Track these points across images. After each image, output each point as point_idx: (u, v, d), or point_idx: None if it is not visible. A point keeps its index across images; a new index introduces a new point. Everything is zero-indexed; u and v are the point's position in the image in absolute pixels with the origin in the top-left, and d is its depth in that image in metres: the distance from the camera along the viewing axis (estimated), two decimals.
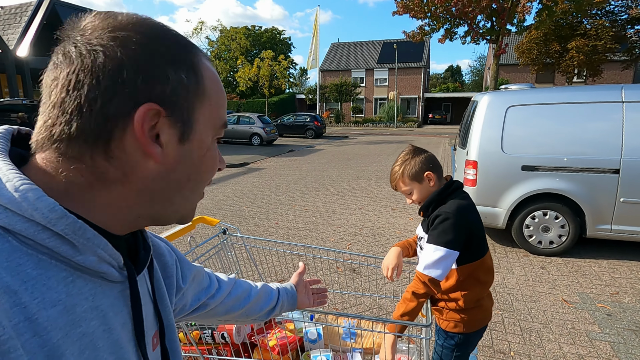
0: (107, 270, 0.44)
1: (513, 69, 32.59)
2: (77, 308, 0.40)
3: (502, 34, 17.15)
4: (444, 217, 1.36)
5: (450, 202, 1.41)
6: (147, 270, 0.56)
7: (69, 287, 0.40)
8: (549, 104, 4.22)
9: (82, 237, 0.40)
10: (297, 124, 22.12)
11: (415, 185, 1.48)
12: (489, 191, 4.39)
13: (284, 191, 7.81)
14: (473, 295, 1.47)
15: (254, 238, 1.79)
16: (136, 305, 0.48)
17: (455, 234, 1.34)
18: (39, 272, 0.38)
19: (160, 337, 0.56)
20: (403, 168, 1.48)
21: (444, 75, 78.72)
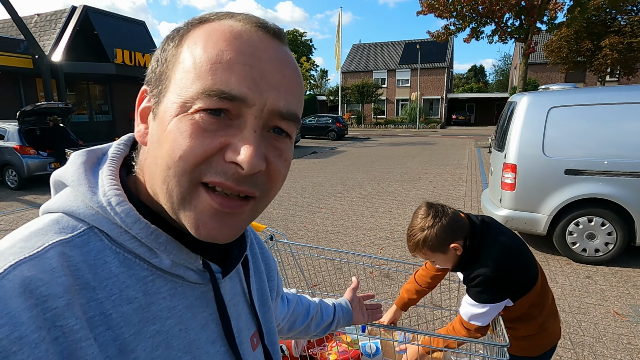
0: (183, 273, 0.45)
1: (541, 68, 31.61)
2: (153, 307, 0.42)
3: (531, 32, 16.62)
4: (482, 278, 1.24)
5: (486, 256, 1.26)
6: (241, 268, 0.55)
7: (147, 286, 0.42)
8: (595, 105, 4.01)
9: (155, 242, 0.42)
10: (319, 125, 22.10)
11: (439, 256, 1.32)
12: (529, 196, 4.21)
13: (310, 193, 7.78)
14: (535, 322, 1.37)
15: (302, 245, 1.74)
16: (221, 307, 0.48)
17: (497, 290, 1.25)
18: (122, 270, 0.41)
19: (260, 337, 0.56)
20: (423, 239, 1.27)
21: (467, 76, 77.19)
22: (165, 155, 0.40)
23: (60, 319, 0.35)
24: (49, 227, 0.41)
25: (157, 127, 0.42)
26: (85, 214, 0.42)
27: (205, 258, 0.47)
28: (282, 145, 0.44)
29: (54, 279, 0.36)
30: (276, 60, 0.42)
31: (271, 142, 0.43)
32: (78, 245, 0.40)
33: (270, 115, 0.41)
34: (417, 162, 12.16)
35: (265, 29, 0.43)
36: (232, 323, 0.50)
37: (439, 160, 12.55)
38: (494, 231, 1.34)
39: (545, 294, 1.41)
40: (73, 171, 0.45)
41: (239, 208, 0.41)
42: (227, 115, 0.40)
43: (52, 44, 14.14)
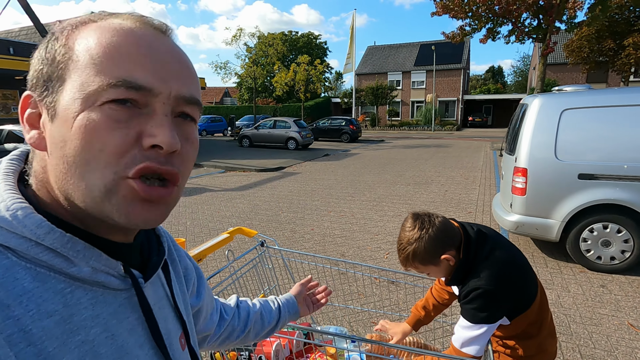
0: (105, 279, 0.44)
1: (561, 68, 30.81)
2: (75, 317, 0.41)
3: (550, 32, 16.21)
4: (478, 292, 1.17)
5: (481, 268, 1.20)
6: (162, 273, 0.56)
7: (66, 298, 0.41)
8: (610, 107, 3.86)
9: (72, 250, 0.42)
10: (333, 127, 22.07)
11: (431, 268, 1.26)
12: (541, 201, 4.07)
13: (319, 196, 7.75)
14: (533, 341, 1.30)
15: (292, 251, 1.71)
16: (146, 311, 0.48)
17: (494, 307, 1.18)
18: (36, 284, 0.39)
19: (186, 339, 0.57)
20: (412, 253, 1.21)
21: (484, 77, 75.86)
22: (81, 151, 0.40)
23: None
24: None
25: (59, 127, 0.41)
26: None
27: (125, 264, 0.47)
28: (189, 129, 0.46)
29: None
30: (172, 51, 0.45)
31: (179, 127, 0.45)
32: None
33: (176, 102, 0.44)
34: (430, 165, 11.98)
35: (152, 24, 0.46)
36: (160, 325, 0.50)
37: (452, 163, 12.34)
38: (490, 242, 1.27)
39: (544, 312, 1.34)
40: None
41: (163, 197, 0.43)
42: (134, 105, 0.41)
43: None
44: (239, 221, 6.01)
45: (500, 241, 1.30)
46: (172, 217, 6.25)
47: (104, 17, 0.45)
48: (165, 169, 0.42)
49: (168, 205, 0.45)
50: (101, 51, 0.41)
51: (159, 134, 0.41)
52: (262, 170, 11.31)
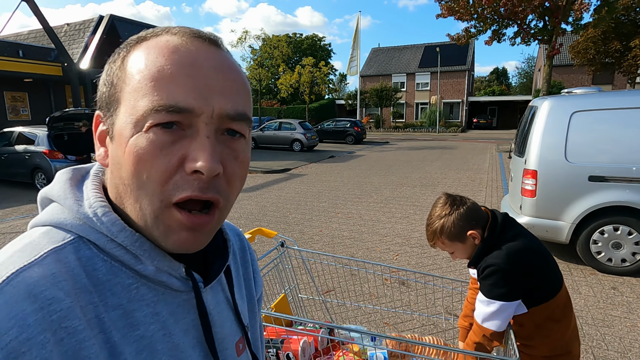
0: (167, 279, 0.46)
1: (567, 70, 30.69)
2: (137, 313, 0.44)
3: (556, 34, 16.17)
4: (492, 269, 1.22)
5: (503, 248, 1.25)
6: (224, 277, 0.57)
7: (131, 294, 0.44)
8: (620, 109, 3.86)
9: (140, 248, 0.44)
10: (337, 129, 22.11)
11: (457, 246, 1.32)
12: (551, 203, 4.08)
13: (326, 198, 7.78)
14: (556, 341, 1.31)
15: (312, 251, 1.74)
16: (202, 314, 0.49)
17: (509, 285, 1.21)
18: (109, 277, 0.43)
19: (247, 344, 0.58)
20: (440, 227, 1.30)
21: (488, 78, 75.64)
22: (132, 176, 0.42)
23: (65, 321, 0.38)
24: (41, 238, 0.43)
25: (116, 149, 0.44)
26: (72, 225, 0.44)
27: (187, 267, 0.49)
28: (237, 146, 0.46)
29: (55, 283, 0.39)
30: (217, 66, 0.44)
31: (226, 144, 0.45)
32: (71, 252, 0.42)
33: (220, 120, 0.43)
34: (436, 167, 11.98)
35: (201, 37, 0.45)
36: (215, 329, 0.51)
37: (458, 165, 12.33)
38: (515, 229, 1.32)
39: (568, 311, 1.35)
40: (59, 187, 0.48)
41: (206, 224, 0.45)
42: (179, 127, 0.41)
43: (80, 52, 14.71)
44: (248, 222, 6.06)
45: (524, 231, 1.34)
46: None
47: (157, 34, 0.45)
48: (207, 197, 0.43)
49: (211, 230, 0.46)
50: (146, 74, 0.42)
51: (200, 158, 0.41)
52: (269, 172, 11.36)
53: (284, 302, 1.71)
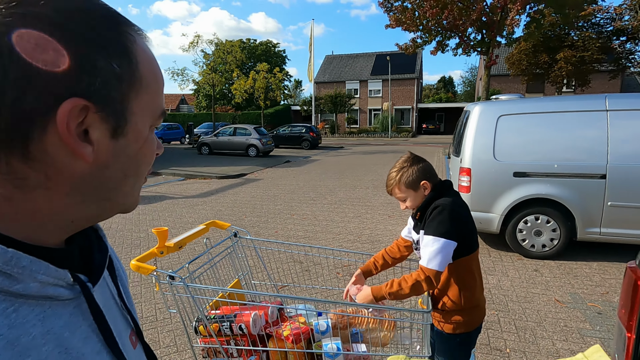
0: (53, 292, 0.40)
1: (504, 79, 33.23)
2: (23, 338, 0.37)
3: (492, 46, 17.59)
4: (441, 208, 1.45)
5: (443, 198, 1.51)
6: (107, 271, 0.53)
7: (10, 319, 0.36)
8: (537, 113, 4.42)
9: (16, 267, 0.37)
10: (293, 135, 22.32)
11: (410, 193, 1.56)
12: (483, 197, 4.55)
13: (282, 201, 7.93)
14: (472, 293, 1.54)
15: (263, 240, 1.91)
16: (98, 317, 0.45)
17: (452, 224, 1.42)
18: None
19: (138, 335, 0.56)
20: (400, 175, 1.55)
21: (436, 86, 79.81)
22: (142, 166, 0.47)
23: None
24: None
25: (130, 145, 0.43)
26: None
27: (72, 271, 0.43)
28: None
29: None
30: None
31: None
32: None
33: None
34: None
35: None
36: (112, 328, 0.47)
37: None
38: (455, 192, 1.62)
39: (479, 269, 1.61)
40: None
41: None
42: None
43: None
44: None
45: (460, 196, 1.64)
46: (132, 225, 6.16)
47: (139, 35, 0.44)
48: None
49: None
50: (157, 77, 0.46)
51: (159, 144, 0.50)
52: (224, 177, 11.29)
53: (237, 286, 1.86)
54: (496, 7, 16.31)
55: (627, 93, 4.87)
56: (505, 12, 16.29)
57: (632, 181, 4.02)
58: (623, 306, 1.55)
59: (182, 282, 1.41)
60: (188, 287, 1.41)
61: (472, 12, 16.40)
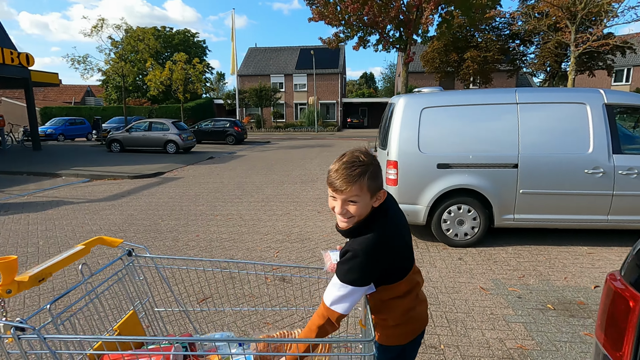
0: None
1: (420, 76, 35.41)
2: None
3: (409, 43, 18.47)
4: (352, 254, 1.21)
5: (363, 237, 1.23)
6: None
7: None
8: (457, 106, 4.54)
9: None
10: (216, 129, 21.27)
11: (366, 198, 1.22)
12: (409, 189, 4.57)
13: (204, 201, 7.33)
14: (400, 311, 1.37)
15: (166, 257, 1.53)
16: None
17: (362, 273, 1.21)
18: None
19: None
20: (369, 173, 1.21)
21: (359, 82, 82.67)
22: None
23: None
24: None
25: None
26: None
27: None
28: None
29: None
30: None
31: None
32: None
33: None
34: (316, 164, 12.46)
35: None
36: None
37: None
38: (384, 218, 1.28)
39: (414, 288, 1.41)
40: None
41: None
42: None
43: None
44: (110, 235, 5.28)
45: (398, 213, 1.37)
46: (18, 237, 5.15)
47: None
48: None
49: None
50: None
51: None
52: (137, 177, 10.20)
53: (133, 320, 1.46)
54: (412, 5, 17.11)
55: (533, 87, 5.22)
56: (420, 11, 17.18)
57: (539, 169, 4.32)
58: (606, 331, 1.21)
59: (35, 335, 0.99)
60: (46, 341, 1.00)
61: (390, 10, 17.00)
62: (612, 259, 4.15)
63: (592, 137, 4.25)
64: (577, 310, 3.10)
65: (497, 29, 26.74)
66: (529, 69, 28.40)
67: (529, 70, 28.45)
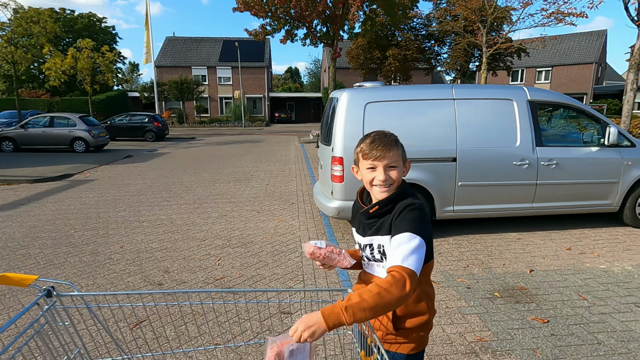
0: None
1: (346, 72, 36.24)
2: None
3: (336, 39, 18.66)
4: (415, 206, 1.18)
5: (409, 199, 1.23)
6: None
7: None
8: (399, 101, 4.56)
9: None
10: (133, 125, 19.42)
11: (401, 165, 1.28)
12: (356, 186, 4.48)
13: (126, 205, 6.52)
14: (432, 300, 1.33)
15: (102, 294, 1.16)
16: None
17: (427, 225, 1.18)
18: None
19: None
20: (400, 142, 1.30)
21: (284, 76, 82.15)
22: None
23: None
24: None
25: None
26: None
27: None
28: None
29: None
30: None
31: None
32: None
33: None
34: (247, 161, 11.97)
35: None
36: None
37: (267, 157, 12.69)
38: None
39: None
40: None
41: None
42: None
43: None
44: (8, 254, 4.37)
45: None
46: None
47: None
48: None
49: None
50: None
51: None
52: (39, 181, 8.78)
53: None
54: (338, 1, 17.28)
55: (468, 84, 5.49)
56: (347, 7, 17.43)
57: (475, 162, 4.53)
58: None
59: None
60: None
61: (317, 4, 16.97)
62: (538, 243, 4.53)
63: (519, 131, 4.57)
64: (520, 296, 3.27)
65: (414, 29, 28.37)
66: (442, 68, 30.70)
67: (443, 69, 30.75)
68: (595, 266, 3.88)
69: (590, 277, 3.64)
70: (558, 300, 3.18)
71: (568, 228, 5.05)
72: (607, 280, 3.57)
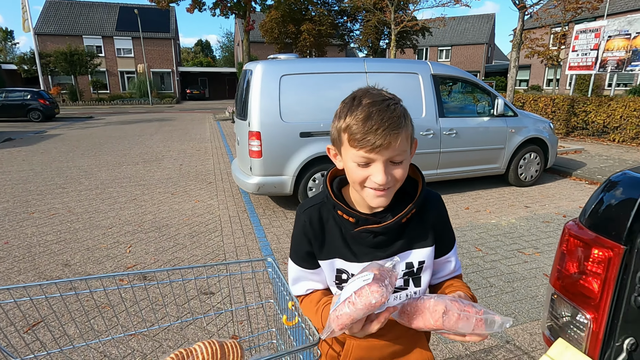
0: None
1: (260, 46, 35.11)
2: None
3: (248, 10, 17.87)
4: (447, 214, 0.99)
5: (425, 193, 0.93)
6: None
7: None
8: (313, 74, 4.55)
9: None
10: (12, 103, 16.62)
11: (409, 149, 0.83)
12: (275, 160, 4.44)
13: (9, 196, 5.62)
14: None
15: None
16: None
17: None
18: None
19: None
20: (409, 118, 0.82)
21: (194, 50, 76.78)
22: None
23: None
24: None
25: None
26: None
27: None
28: None
29: None
30: None
31: None
32: None
33: None
34: (157, 140, 11.09)
35: None
36: None
37: (180, 136, 11.90)
38: None
39: None
40: None
41: None
42: None
43: None
44: None
45: None
46: None
47: None
48: None
49: None
50: None
51: None
52: None
53: None
54: None
55: (378, 58, 5.67)
56: None
57: None
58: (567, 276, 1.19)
59: None
60: None
61: None
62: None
63: (425, 103, 4.92)
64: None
65: (327, 3, 28.45)
66: (355, 45, 31.49)
67: (356, 45, 31.56)
68: (488, 221, 4.44)
69: (484, 231, 4.16)
70: (459, 254, 3.59)
71: (466, 190, 5.68)
72: (496, 232, 4.12)
